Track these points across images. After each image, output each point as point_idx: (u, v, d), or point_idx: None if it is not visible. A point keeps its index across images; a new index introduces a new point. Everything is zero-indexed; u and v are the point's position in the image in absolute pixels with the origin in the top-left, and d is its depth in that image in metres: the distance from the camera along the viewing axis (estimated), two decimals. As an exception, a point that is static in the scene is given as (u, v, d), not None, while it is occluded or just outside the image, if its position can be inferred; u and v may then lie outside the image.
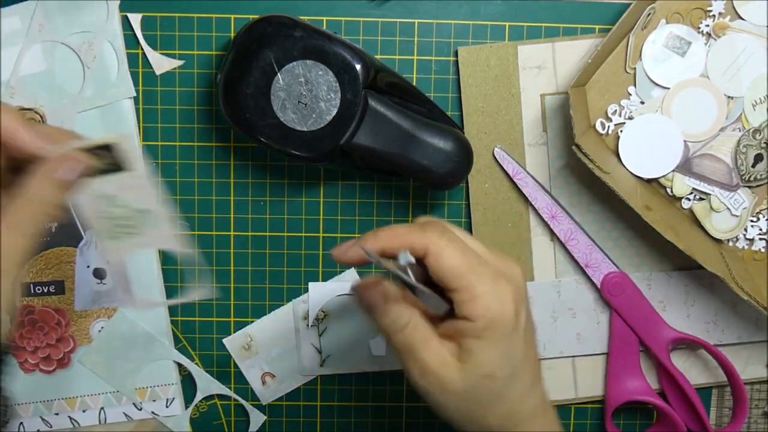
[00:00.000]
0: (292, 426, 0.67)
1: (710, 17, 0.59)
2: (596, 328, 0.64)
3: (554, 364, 0.65)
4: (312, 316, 0.63)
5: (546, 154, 0.62)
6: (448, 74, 0.61)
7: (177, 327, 0.64)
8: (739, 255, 0.62)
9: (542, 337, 0.64)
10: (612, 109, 0.59)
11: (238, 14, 0.60)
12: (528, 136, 0.61)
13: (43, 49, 0.60)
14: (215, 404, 0.66)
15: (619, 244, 0.63)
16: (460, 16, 0.60)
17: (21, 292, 0.63)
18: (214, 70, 0.61)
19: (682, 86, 0.59)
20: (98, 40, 0.60)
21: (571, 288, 0.63)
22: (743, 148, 0.59)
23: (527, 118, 0.61)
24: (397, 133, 0.56)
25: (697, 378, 0.65)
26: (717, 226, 0.61)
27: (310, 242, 0.64)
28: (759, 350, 0.65)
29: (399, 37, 0.61)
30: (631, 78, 0.60)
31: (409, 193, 0.63)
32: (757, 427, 0.67)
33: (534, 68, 0.60)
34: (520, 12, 0.60)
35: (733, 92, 0.59)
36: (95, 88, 0.60)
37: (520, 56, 0.60)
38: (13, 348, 0.51)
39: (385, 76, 0.57)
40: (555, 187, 0.62)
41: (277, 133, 0.55)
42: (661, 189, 0.61)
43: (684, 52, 0.59)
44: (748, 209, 0.60)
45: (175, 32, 0.60)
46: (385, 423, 0.67)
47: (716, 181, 0.60)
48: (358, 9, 0.60)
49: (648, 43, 0.59)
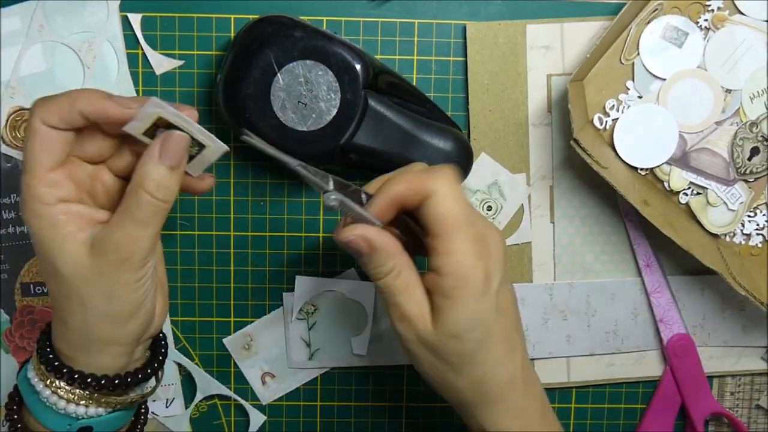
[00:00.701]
0: (292, 426, 0.66)
1: (709, 12, 0.59)
2: (586, 331, 0.64)
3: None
4: (296, 310, 0.64)
5: (550, 134, 0.62)
6: (448, 74, 0.62)
7: (177, 327, 0.64)
8: (736, 250, 0.62)
9: (532, 338, 0.64)
10: (610, 104, 0.60)
11: (238, 14, 0.61)
12: (533, 116, 0.62)
13: (43, 49, 0.60)
14: (215, 404, 0.66)
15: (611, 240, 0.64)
16: (460, 16, 0.61)
17: (22, 291, 0.63)
18: (214, 70, 0.61)
19: (679, 77, 0.60)
20: (98, 41, 0.60)
21: (563, 291, 0.64)
22: (740, 141, 0.60)
23: (533, 98, 0.61)
24: (396, 134, 0.56)
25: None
26: (713, 220, 0.61)
27: (310, 242, 0.64)
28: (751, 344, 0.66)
29: (399, 37, 0.61)
30: (629, 72, 0.60)
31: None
32: (757, 427, 0.67)
33: (542, 48, 0.61)
34: (520, 12, 0.61)
35: (731, 84, 0.60)
36: (95, 87, 0.60)
37: (528, 35, 0.60)
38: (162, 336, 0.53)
39: (385, 76, 0.57)
40: (558, 168, 0.62)
41: (277, 133, 0.55)
42: (658, 183, 0.61)
43: (681, 43, 0.59)
44: (744, 204, 0.61)
45: (175, 32, 0.61)
46: (385, 423, 0.67)
47: (713, 175, 0.61)
48: (358, 9, 0.61)
49: (645, 35, 0.59)
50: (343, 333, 0.65)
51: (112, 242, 0.44)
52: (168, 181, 0.45)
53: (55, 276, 0.45)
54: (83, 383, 0.46)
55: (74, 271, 0.44)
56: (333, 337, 0.65)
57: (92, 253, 0.44)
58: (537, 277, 0.64)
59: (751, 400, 0.67)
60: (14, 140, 0.60)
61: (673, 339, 0.64)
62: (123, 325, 0.46)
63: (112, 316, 0.46)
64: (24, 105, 0.60)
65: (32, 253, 0.62)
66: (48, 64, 0.60)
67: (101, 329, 0.46)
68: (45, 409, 0.47)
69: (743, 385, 0.66)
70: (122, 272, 0.45)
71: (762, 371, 0.66)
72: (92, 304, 0.45)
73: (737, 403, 0.67)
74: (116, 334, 0.46)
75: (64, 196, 0.45)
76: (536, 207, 0.63)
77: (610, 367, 0.65)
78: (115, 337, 0.47)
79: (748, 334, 0.65)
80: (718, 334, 0.65)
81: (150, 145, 0.45)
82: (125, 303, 0.46)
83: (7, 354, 0.63)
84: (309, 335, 0.65)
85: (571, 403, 0.67)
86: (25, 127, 0.60)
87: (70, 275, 0.44)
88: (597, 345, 0.65)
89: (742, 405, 0.67)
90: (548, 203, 0.63)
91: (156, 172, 0.45)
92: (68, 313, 0.46)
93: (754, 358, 0.66)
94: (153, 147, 0.45)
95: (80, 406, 0.47)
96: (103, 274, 0.44)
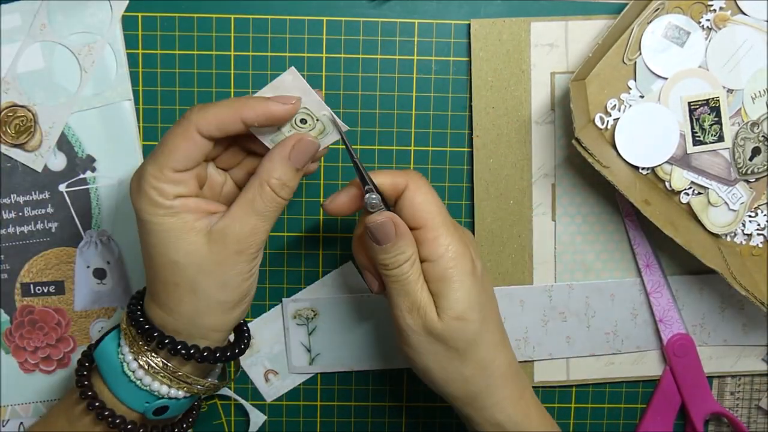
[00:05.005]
0: (292, 426, 0.66)
1: (711, 11, 0.59)
2: (586, 332, 0.64)
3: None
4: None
5: (553, 132, 0.62)
6: (448, 74, 0.62)
7: (177, 327, 0.64)
8: (737, 250, 0.62)
9: (532, 339, 0.64)
10: (611, 104, 0.60)
11: (238, 14, 0.60)
12: (536, 113, 0.62)
13: (42, 48, 0.60)
14: (215, 404, 0.66)
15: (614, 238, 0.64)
16: (460, 16, 0.61)
17: (22, 291, 0.63)
18: (214, 70, 0.61)
19: (680, 76, 0.60)
20: (99, 45, 0.60)
21: (562, 292, 0.64)
22: (741, 141, 0.60)
23: (536, 95, 0.61)
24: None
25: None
26: (714, 220, 0.61)
27: (310, 242, 0.64)
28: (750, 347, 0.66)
29: (399, 37, 0.61)
30: (630, 71, 0.60)
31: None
32: (757, 427, 0.67)
33: (546, 46, 0.61)
34: (520, 11, 0.61)
35: (732, 84, 0.60)
36: (93, 89, 0.60)
37: (532, 33, 0.60)
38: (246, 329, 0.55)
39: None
40: (560, 166, 0.62)
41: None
42: (659, 183, 0.61)
43: (683, 43, 0.59)
44: (745, 204, 0.61)
45: (175, 32, 0.61)
46: (385, 423, 0.67)
47: (715, 175, 0.61)
48: (358, 9, 0.61)
49: (647, 34, 0.59)
50: (344, 337, 0.65)
51: (233, 233, 0.46)
52: (293, 182, 0.48)
53: (166, 264, 0.47)
54: (187, 354, 0.48)
55: (190, 259, 0.46)
56: (333, 342, 0.65)
57: (210, 242, 0.46)
58: (537, 275, 0.64)
59: (751, 400, 0.67)
60: (5, 135, 0.60)
61: (672, 339, 0.64)
62: (230, 313, 0.49)
63: (223, 303, 0.48)
64: (17, 101, 0.60)
65: (32, 253, 0.62)
66: (46, 63, 0.60)
67: (210, 316, 0.48)
68: (127, 383, 0.48)
69: (743, 385, 0.66)
70: (239, 262, 0.47)
71: (762, 372, 0.66)
72: (205, 292, 0.47)
73: (737, 403, 0.67)
74: (223, 321, 0.49)
75: (185, 193, 0.47)
76: (538, 204, 0.63)
77: (609, 366, 0.65)
78: (221, 323, 0.49)
79: (747, 333, 0.65)
80: (718, 333, 0.65)
81: (281, 144, 0.48)
82: (236, 291, 0.48)
83: (7, 354, 0.63)
84: (309, 340, 0.65)
85: (571, 403, 0.67)
86: (16, 124, 0.60)
87: (186, 263, 0.46)
88: (597, 346, 0.65)
89: (742, 405, 0.67)
90: (550, 201, 0.63)
91: (282, 171, 0.47)
92: (176, 300, 0.47)
93: (754, 358, 0.66)
94: (284, 147, 0.47)
95: (164, 385, 0.49)
96: (220, 263, 0.46)
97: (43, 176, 0.61)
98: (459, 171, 0.63)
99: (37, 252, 0.62)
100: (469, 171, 0.63)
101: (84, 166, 0.61)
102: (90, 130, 0.61)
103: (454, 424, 0.67)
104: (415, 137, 0.62)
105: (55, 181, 0.61)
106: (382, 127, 0.62)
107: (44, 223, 0.62)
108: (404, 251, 0.49)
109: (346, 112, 0.61)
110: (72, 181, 0.62)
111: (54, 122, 0.60)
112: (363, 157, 0.62)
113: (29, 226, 0.62)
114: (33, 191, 0.61)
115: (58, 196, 0.62)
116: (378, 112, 0.62)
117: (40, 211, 0.62)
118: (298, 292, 0.64)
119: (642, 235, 0.63)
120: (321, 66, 0.61)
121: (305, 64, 0.61)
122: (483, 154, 0.62)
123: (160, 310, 0.49)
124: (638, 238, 0.63)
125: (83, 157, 0.61)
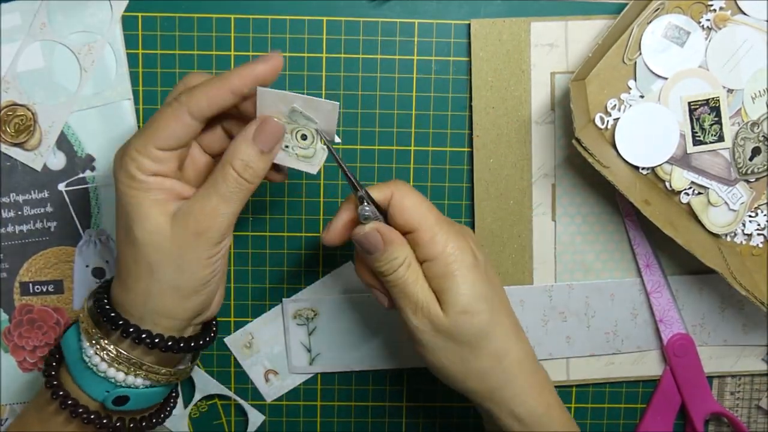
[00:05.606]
0: (292, 426, 0.66)
1: (711, 11, 0.59)
2: (586, 332, 0.64)
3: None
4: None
5: (553, 132, 0.62)
6: (448, 74, 0.62)
7: (176, 327, 0.64)
8: (737, 250, 0.62)
9: (532, 339, 0.64)
10: (611, 104, 0.60)
11: (238, 14, 0.60)
12: (536, 113, 0.62)
13: (42, 47, 0.60)
14: (215, 404, 0.66)
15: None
16: (460, 16, 0.61)
17: (21, 290, 0.63)
18: (214, 70, 0.61)
19: (680, 76, 0.60)
20: (99, 44, 0.60)
21: (562, 292, 0.64)
22: (741, 141, 0.60)
23: (536, 95, 0.61)
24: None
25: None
26: (714, 220, 0.61)
27: (310, 242, 0.64)
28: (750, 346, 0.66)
29: (399, 37, 0.61)
30: (630, 71, 0.60)
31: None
32: (757, 427, 0.67)
33: (546, 46, 0.61)
34: (520, 11, 0.61)
35: (732, 84, 0.60)
36: (93, 88, 0.60)
37: (532, 33, 0.60)
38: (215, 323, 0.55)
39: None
40: (560, 166, 0.62)
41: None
42: (659, 183, 0.61)
43: (683, 42, 0.59)
44: (745, 204, 0.61)
45: (175, 32, 0.61)
46: (385, 423, 0.67)
47: (715, 175, 0.61)
48: (358, 9, 0.61)
49: (647, 34, 0.59)
50: (344, 337, 0.65)
51: (193, 212, 0.46)
52: (256, 163, 0.47)
53: (130, 240, 0.46)
54: (138, 338, 0.47)
55: (151, 237, 0.46)
56: (333, 342, 0.65)
57: (173, 223, 0.46)
58: (538, 275, 0.64)
59: (751, 400, 0.67)
60: (4, 134, 0.60)
61: (672, 339, 0.64)
62: (184, 300, 0.48)
63: (177, 288, 0.47)
64: (17, 100, 0.60)
65: (31, 252, 0.62)
66: (46, 62, 0.60)
67: (163, 300, 0.47)
68: (85, 370, 0.48)
69: (743, 385, 0.66)
70: (198, 245, 0.46)
71: (762, 372, 0.66)
72: (161, 272, 0.47)
73: (737, 403, 0.67)
74: (175, 308, 0.48)
75: (163, 172, 0.47)
76: (538, 204, 0.63)
77: (609, 366, 0.65)
78: (173, 310, 0.48)
79: (747, 333, 0.65)
80: (718, 333, 0.65)
81: (247, 126, 0.47)
82: (192, 278, 0.47)
83: (7, 353, 0.63)
84: (309, 340, 0.65)
85: (571, 403, 0.67)
86: (16, 123, 0.60)
87: (146, 241, 0.46)
88: (597, 346, 0.65)
89: (742, 405, 0.67)
90: (550, 201, 0.63)
91: (246, 152, 0.47)
92: (134, 278, 0.47)
93: (754, 358, 0.66)
94: (249, 128, 0.47)
95: (120, 372, 0.48)
96: (179, 246, 0.46)
97: (42, 175, 0.61)
98: (459, 171, 0.63)
99: (36, 251, 0.62)
100: (469, 171, 0.63)
101: (83, 165, 0.61)
102: (90, 130, 0.61)
103: (455, 424, 0.67)
104: (415, 137, 0.62)
105: (54, 180, 0.61)
106: (382, 127, 0.62)
107: (43, 222, 0.62)
108: (396, 256, 0.49)
109: (347, 112, 0.61)
110: (71, 181, 0.62)
111: (54, 121, 0.60)
112: (363, 157, 0.62)
113: (28, 225, 0.62)
114: (32, 190, 0.61)
115: (57, 195, 0.62)
116: (378, 112, 0.62)
117: (39, 210, 0.62)
118: (298, 292, 0.64)
119: (642, 235, 0.63)
120: (321, 66, 0.61)
121: (305, 64, 0.61)
122: (483, 154, 0.62)
123: (119, 288, 0.48)
124: (638, 238, 0.63)
125: (83, 156, 0.61)
